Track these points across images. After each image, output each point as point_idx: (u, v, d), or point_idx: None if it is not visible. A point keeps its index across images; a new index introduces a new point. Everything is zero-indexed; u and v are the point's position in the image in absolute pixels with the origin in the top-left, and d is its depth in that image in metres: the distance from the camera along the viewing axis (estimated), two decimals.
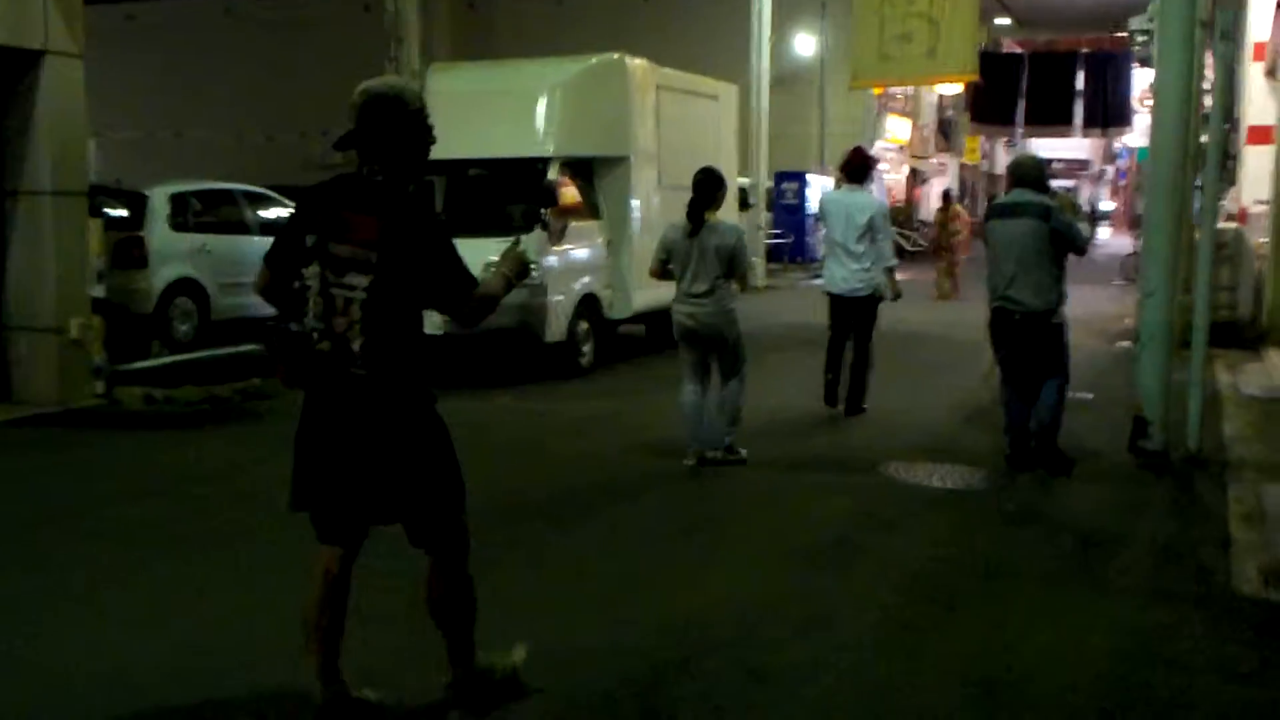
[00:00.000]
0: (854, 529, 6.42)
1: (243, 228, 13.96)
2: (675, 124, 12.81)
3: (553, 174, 11.14)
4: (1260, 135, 18.37)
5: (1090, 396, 10.49)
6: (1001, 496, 7.15)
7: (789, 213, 29.14)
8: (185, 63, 30.59)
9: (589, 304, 11.63)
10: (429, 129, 3.85)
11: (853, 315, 9.43)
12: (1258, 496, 7.06)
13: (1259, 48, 19.61)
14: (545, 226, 10.76)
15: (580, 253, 11.53)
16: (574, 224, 11.35)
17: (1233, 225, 15.62)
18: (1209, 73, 13.27)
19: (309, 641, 3.89)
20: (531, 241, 10.72)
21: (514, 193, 11.14)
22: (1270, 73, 18.60)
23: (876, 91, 33.01)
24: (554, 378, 11.17)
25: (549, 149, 11.14)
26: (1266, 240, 14.65)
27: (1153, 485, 7.52)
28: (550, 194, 10.73)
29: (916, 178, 39.96)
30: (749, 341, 8.07)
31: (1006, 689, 4.35)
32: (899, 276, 9.77)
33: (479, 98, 11.53)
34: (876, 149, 33.45)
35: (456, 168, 11.43)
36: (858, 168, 9.55)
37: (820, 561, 5.88)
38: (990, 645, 4.75)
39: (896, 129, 35.70)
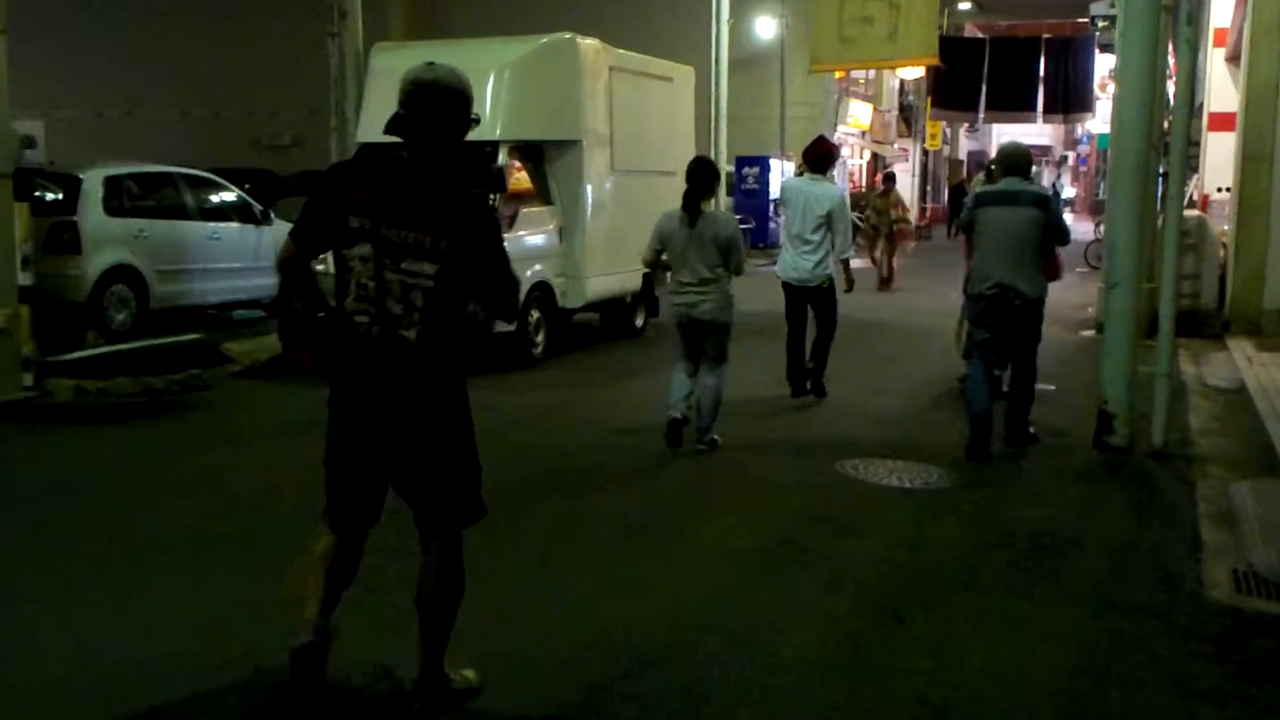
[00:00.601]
0: (804, 532, 6.10)
1: (182, 212, 13.46)
2: (629, 107, 12.45)
3: (502, 158, 10.76)
4: (1222, 122, 18.24)
5: (1053, 388, 10.23)
6: (959, 495, 6.85)
7: (750, 198, 28.82)
8: (136, 41, 29.81)
9: (541, 293, 11.27)
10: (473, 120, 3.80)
11: (810, 304, 9.40)
12: (1226, 495, 6.82)
13: (1220, 33, 19.47)
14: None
15: (531, 240, 11.14)
16: (524, 210, 10.97)
17: (1195, 213, 15.45)
18: (1172, 59, 13.08)
19: (304, 600, 3.81)
20: None
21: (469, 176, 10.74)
22: (1232, 58, 18.43)
23: (838, 76, 32.72)
24: (506, 369, 10.81)
25: (496, 132, 10.75)
26: (1229, 228, 14.48)
27: (1117, 482, 7.27)
28: (499, 179, 10.35)
29: (879, 163, 39.72)
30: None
31: (955, 711, 4.06)
32: (855, 264, 9.71)
33: None
34: (838, 134, 33.24)
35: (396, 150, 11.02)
36: (820, 157, 9.44)
37: (767, 567, 5.56)
38: (940, 661, 4.45)
39: (858, 114, 35.45)
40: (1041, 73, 30.33)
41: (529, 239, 11.08)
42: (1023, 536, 6.03)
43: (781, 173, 28.17)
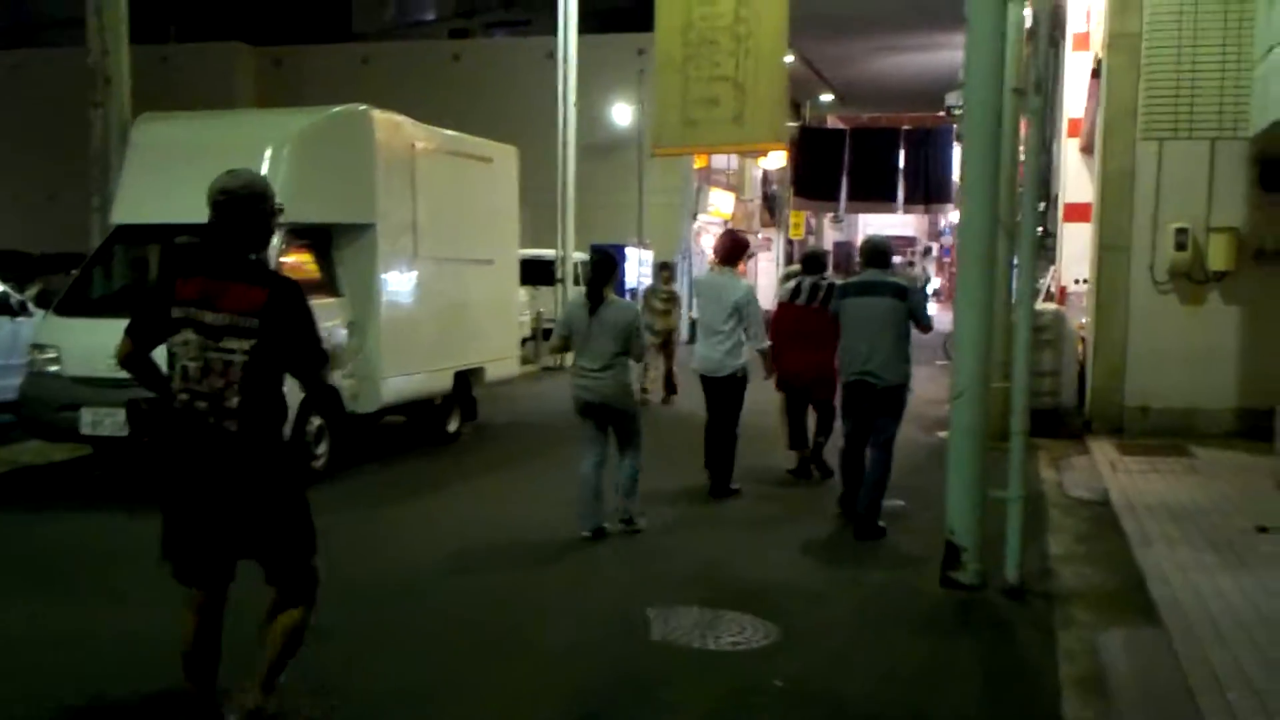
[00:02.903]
0: None
1: None
2: (438, 188, 11.12)
3: (276, 241, 9.34)
4: (1078, 212, 17.94)
5: (902, 504, 9.13)
6: (776, 660, 5.54)
7: None
8: None
9: (323, 397, 9.77)
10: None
11: (718, 394, 9.40)
12: (1093, 649, 5.65)
13: (1074, 124, 19.22)
14: None
15: None
16: None
17: (1052, 306, 14.73)
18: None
19: (187, 672, 4.33)
20: None
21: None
22: (1086, 149, 18.05)
23: (699, 164, 32.13)
24: None
25: None
26: (1087, 321, 13.74)
27: (967, 634, 6.07)
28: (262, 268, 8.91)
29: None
30: (542, 432, 8.80)
31: None
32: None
33: (192, 153, 9.68)
34: (699, 222, 32.52)
35: (159, 234, 9.58)
36: (729, 251, 9.69)
37: None
38: None
39: (719, 202, 34.75)
40: (901, 163, 30.22)
41: None
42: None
43: (639, 260, 27.26)
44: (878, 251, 8.45)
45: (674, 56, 16.31)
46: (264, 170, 9.42)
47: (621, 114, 29.46)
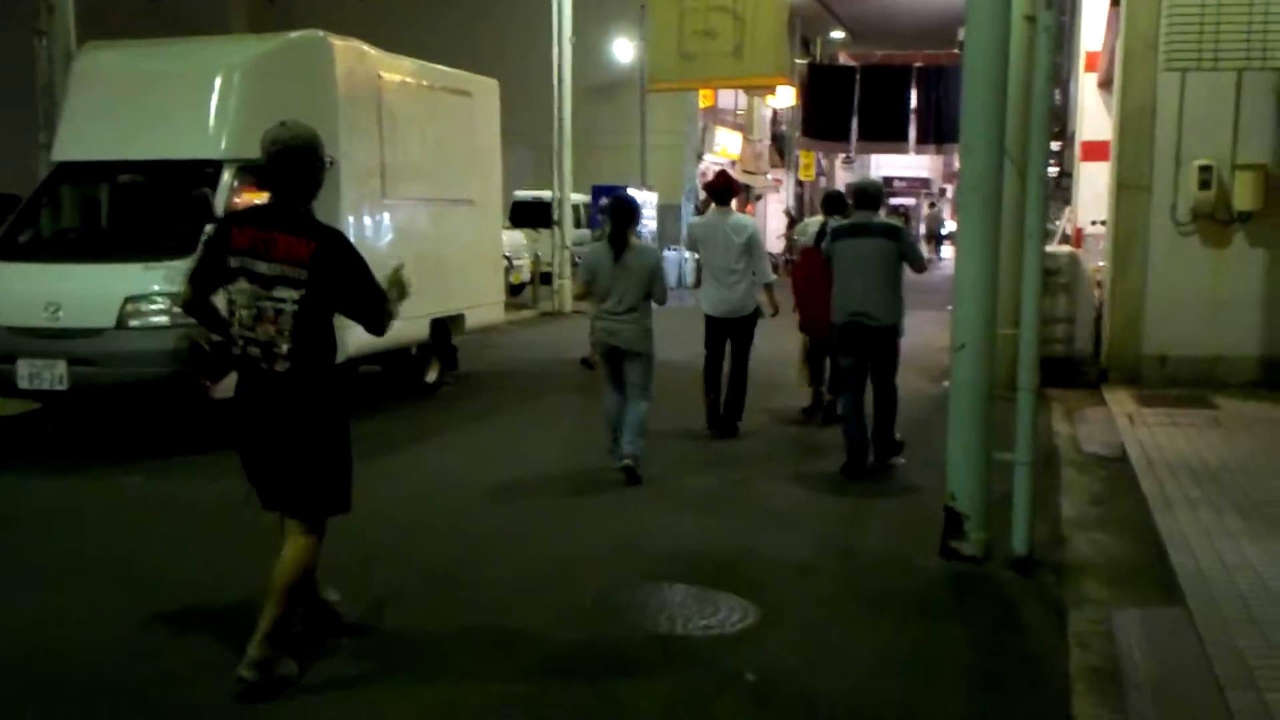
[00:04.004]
0: None
1: None
2: (408, 123, 10.39)
3: (227, 180, 8.67)
4: (1096, 151, 17.17)
5: (902, 461, 8.51)
6: (751, 649, 4.91)
7: None
8: None
9: None
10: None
11: (733, 335, 9.47)
12: (1107, 632, 5.02)
13: (1091, 57, 18.33)
14: None
15: None
16: None
17: (1067, 249, 14.01)
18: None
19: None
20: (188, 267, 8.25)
21: (174, 206, 8.63)
22: (1104, 84, 17.21)
23: (705, 104, 31.26)
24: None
25: (221, 148, 8.68)
26: (1105, 265, 13.03)
27: (965, 615, 5.44)
28: (202, 207, 8.25)
29: (749, 193, 38.27)
30: (529, 380, 9.17)
31: None
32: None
33: (137, 84, 9.02)
34: (705, 163, 31.67)
35: (106, 172, 8.93)
36: (723, 190, 9.69)
37: None
38: None
39: (727, 143, 33.89)
40: (913, 103, 29.26)
41: None
42: None
43: (642, 204, 26.44)
44: (867, 194, 8.46)
45: None
46: (213, 101, 8.77)
47: (624, 50, 28.56)
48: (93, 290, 8.17)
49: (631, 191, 26.17)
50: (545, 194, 21.24)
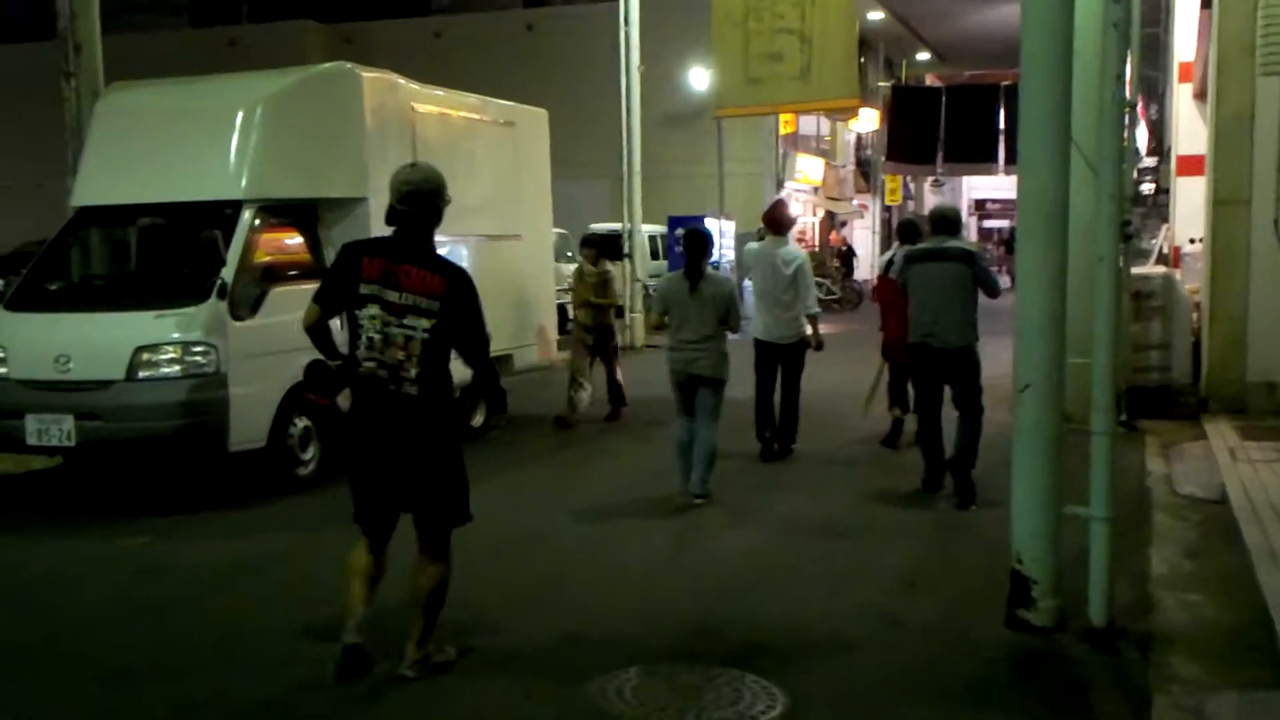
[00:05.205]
0: None
1: None
2: (446, 157, 9.66)
3: (247, 220, 8.25)
4: (1192, 165, 16.20)
5: (974, 508, 7.78)
6: None
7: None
8: None
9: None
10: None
11: (783, 361, 9.64)
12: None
13: (1184, 67, 17.40)
14: (222, 294, 7.87)
15: (293, 327, 8.43)
16: (280, 289, 8.32)
17: (1160, 269, 13.10)
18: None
19: (351, 579, 4.96)
20: (201, 316, 7.82)
21: (190, 250, 8.22)
22: (1199, 95, 16.25)
23: (786, 130, 30.62)
24: (260, 496, 8.25)
25: (240, 188, 8.25)
26: (1203, 286, 12.12)
27: (1027, 706, 4.68)
28: (213, 251, 7.81)
29: (833, 220, 37.44)
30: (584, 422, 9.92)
31: None
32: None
33: (157, 124, 8.64)
34: (785, 190, 30.97)
35: (126, 216, 8.59)
36: (779, 220, 9.85)
37: None
38: None
39: (808, 169, 33.14)
40: (1002, 123, 28.32)
41: (285, 325, 8.41)
42: None
43: (720, 232, 25.85)
44: (945, 219, 8.59)
45: (732, 10, 15.02)
46: (234, 138, 8.37)
47: (699, 79, 28.06)
48: (102, 340, 7.77)
49: (709, 221, 25.99)
50: (619, 226, 20.70)
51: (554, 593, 6.27)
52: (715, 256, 24.09)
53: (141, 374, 7.60)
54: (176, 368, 7.63)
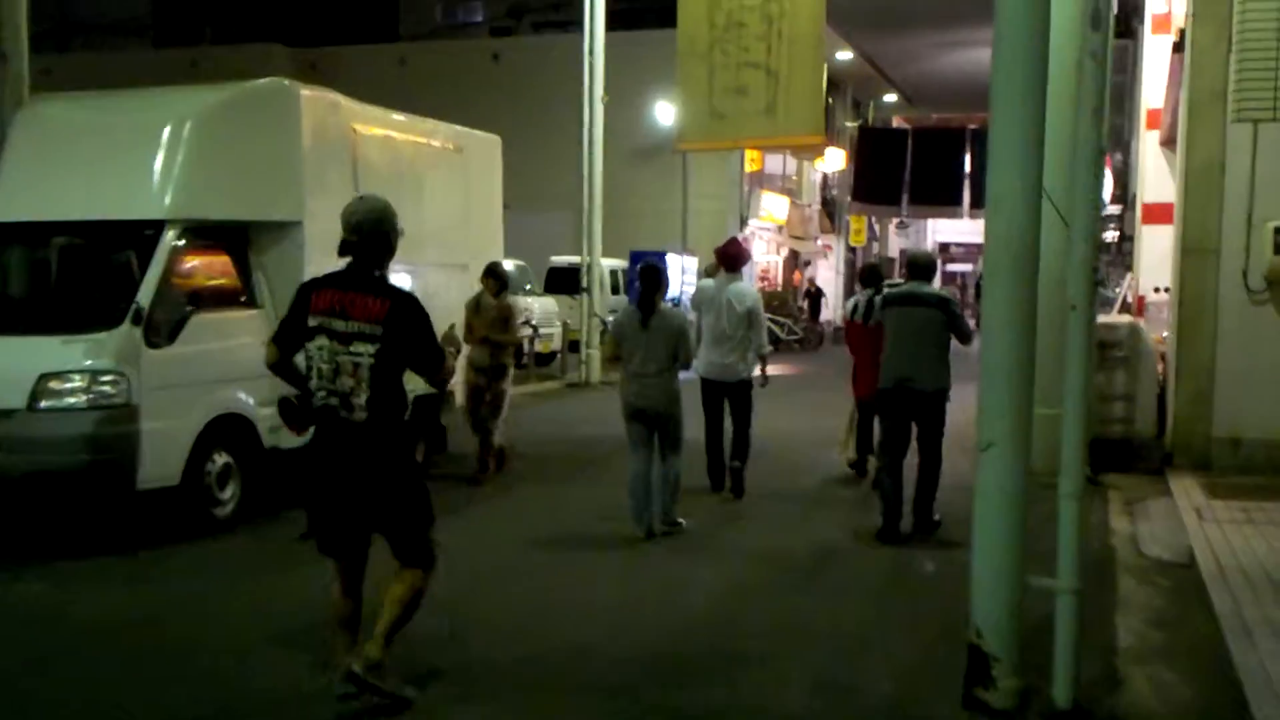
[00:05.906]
0: None
1: None
2: (389, 180, 9.35)
3: (173, 238, 7.77)
4: (1157, 213, 16.06)
5: (931, 569, 7.38)
6: None
7: None
8: None
9: (232, 429, 8.14)
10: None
11: (730, 398, 9.57)
12: None
13: (1153, 114, 17.26)
14: (136, 320, 7.37)
15: (213, 356, 7.96)
16: (201, 317, 7.85)
17: (1126, 319, 12.82)
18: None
19: (335, 629, 4.99)
20: (112, 343, 7.32)
21: (105, 273, 7.74)
22: (1166, 142, 16.09)
23: (752, 168, 30.43)
24: (173, 539, 7.72)
25: (163, 207, 7.77)
26: (1169, 336, 11.84)
27: None
28: (126, 274, 7.32)
29: (797, 259, 37.23)
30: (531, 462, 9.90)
31: None
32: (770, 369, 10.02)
33: (78, 138, 8.17)
34: (750, 228, 30.74)
35: (42, 235, 8.09)
36: (734, 257, 9.76)
37: None
38: None
39: (773, 207, 32.93)
40: (968, 166, 28.25)
41: (207, 355, 7.93)
42: None
43: (681, 269, 25.53)
44: (919, 265, 8.80)
45: (698, 42, 14.69)
46: (159, 155, 7.90)
47: (665, 113, 27.81)
48: (5, 366, 7.22)
49: (671, 256, 25.66)
50: (580, 260, 20.29)
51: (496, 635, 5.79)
52: (676, 293, 23.94)
53: (44, 403, 7.06)
54: (83, 398, 7.11)
